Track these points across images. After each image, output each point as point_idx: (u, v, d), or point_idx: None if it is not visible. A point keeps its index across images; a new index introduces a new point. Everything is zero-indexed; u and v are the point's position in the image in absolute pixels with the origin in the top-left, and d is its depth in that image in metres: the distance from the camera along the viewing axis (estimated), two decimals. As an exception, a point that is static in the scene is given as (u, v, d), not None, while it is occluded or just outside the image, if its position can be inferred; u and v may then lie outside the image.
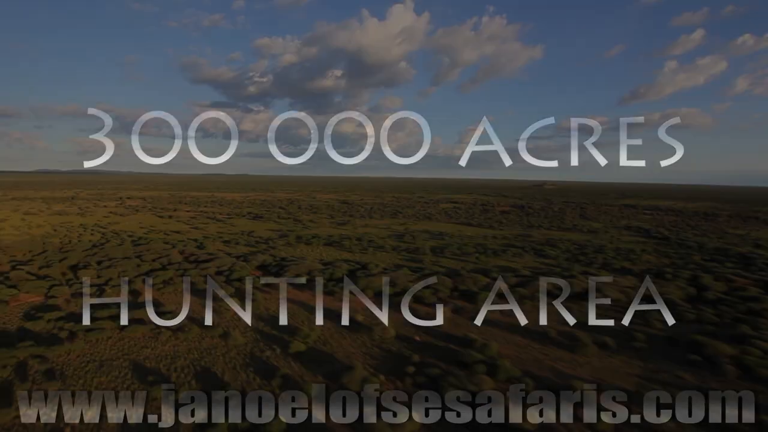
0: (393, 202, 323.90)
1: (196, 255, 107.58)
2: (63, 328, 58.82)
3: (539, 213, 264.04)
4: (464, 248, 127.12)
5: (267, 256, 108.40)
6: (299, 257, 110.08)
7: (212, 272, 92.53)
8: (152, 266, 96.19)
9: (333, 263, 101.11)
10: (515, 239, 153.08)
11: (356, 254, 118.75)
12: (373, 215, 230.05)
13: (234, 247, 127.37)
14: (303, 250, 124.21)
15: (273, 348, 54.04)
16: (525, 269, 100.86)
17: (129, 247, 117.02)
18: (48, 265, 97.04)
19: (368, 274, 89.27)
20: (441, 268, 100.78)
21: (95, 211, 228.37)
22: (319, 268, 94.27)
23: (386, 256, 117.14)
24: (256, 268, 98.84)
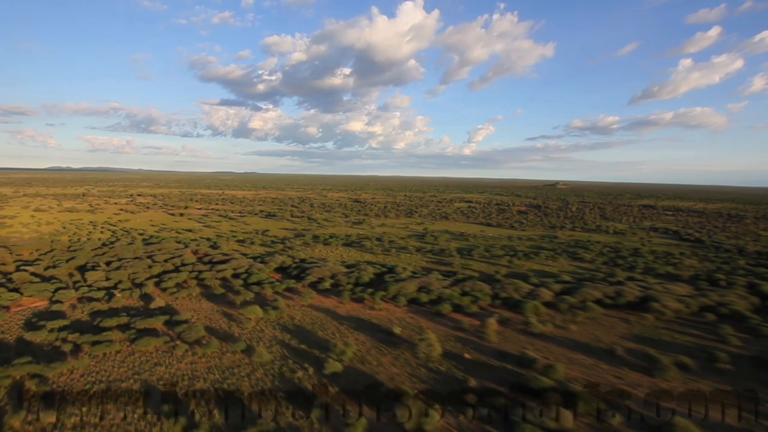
0: (406, 201, 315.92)
1: (211, 255, 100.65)
2: (66, 339, 51.86)
3: (558, 213, 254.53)
4: (492, 250, 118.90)
5: (285, 257, 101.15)
6: (319, 259, 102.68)
7: (228, 275, 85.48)
8: (164, 267, 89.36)
9: (357, 266, 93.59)
10: (541, 240, 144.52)
11: (379, 255, 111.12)
12: (388, 214, 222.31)
13: (249, 246, 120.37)
14: (322, 250, 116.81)
15: (305, 367, 46.53)
16: (564, 274, 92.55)
17: (140, 247, 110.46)
18: (55, 266, 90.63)
19: (397, 279, 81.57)
20: (473, 272, 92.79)
21: (105, 209, 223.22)
22: (343, 271, 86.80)
23: (411, 258, 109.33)
24: (275, 271, 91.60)
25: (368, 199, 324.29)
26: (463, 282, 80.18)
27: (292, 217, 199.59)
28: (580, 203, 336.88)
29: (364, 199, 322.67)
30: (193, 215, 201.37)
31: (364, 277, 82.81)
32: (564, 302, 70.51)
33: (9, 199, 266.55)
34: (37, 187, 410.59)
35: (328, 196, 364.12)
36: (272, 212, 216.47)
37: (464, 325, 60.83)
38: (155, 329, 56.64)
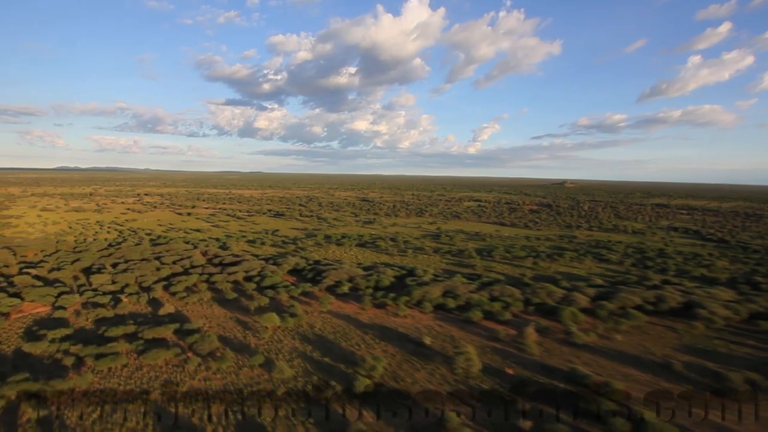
0: (414, 200, 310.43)
1: (221, 257, 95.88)
2: (69, 351, 47.07)
3: (570, 212, 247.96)
4: (512, 251, 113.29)
5: (298, 258, 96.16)
6: (334, 260, 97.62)
7: (240, 278, 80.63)
8: (173, 270, 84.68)
9: (374, 268, 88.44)
10: (560, 240, 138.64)
11: (395, 257, 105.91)
12: (398, 213, 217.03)
13: (260, 247, 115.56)
14: (335, 251, 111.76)
15: (332, 385, 41.39)
16: (594, 277, 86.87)
17: (147, 247, 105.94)
18: (59, 268, 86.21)
19: (420, 282, 76.26)
20: (498, 275, 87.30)
21: (112, 208, 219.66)
22: (361, 274, 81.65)
23: (429, 259, 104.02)
24: (289, 273, 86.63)
25: (376, 198, 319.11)
26: (491, 286, 74.77)
27: (301, 216, 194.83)
28: (592, 202, 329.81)
29: (372, 198, 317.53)
30: (201, 215, 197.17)
31: (384, 281, 77.62)
32: (602, 308, 64.96)
33: (17, 199, 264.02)
34: (45, 186, 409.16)
35: (335, 195, 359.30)
36: (280, 211, 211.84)
37: (499, 335, 55.46)
38: (165, 339, 51.78)
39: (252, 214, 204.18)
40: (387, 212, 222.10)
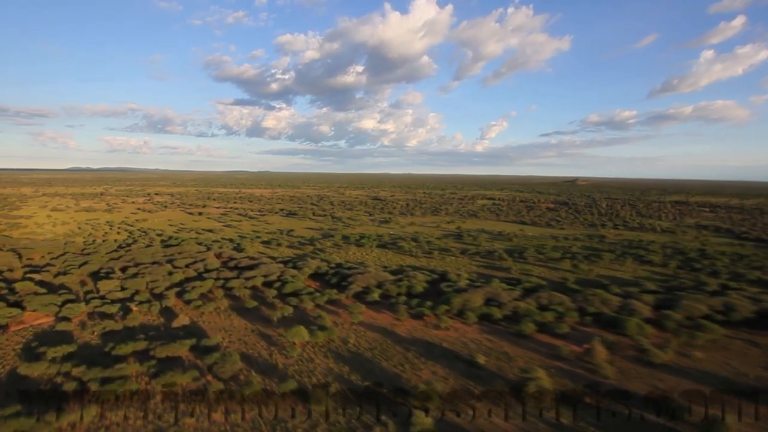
0: (426, 199, 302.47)
1: (236, 260, 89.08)
2: (70, 374, 40.27)
3: (590, 210, 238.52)
4: (544, 251, 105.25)
5: (318, 261, 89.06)
6: (357, 263, 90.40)
7: (259, 283, 73.64)
8: (186, 274, 77.96)
9: (403, 272, 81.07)
10: (590, 240, 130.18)
11: (421, 259, 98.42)
12: (414, 212, 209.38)
13: (276, 249, 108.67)
14: (356, 253, 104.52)
15: (383, 422, 34.03)
16: (645, 282, 78.56)
17: (158, 249, 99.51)
18: (66, 272, 79.95)
19: (456, 289, 68.67)
20: (538, 279, 79.35)
21: (123, 208, 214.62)
22: (390, 279, 74.29)
23: (458, 261, 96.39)
24: (310, 278, 79.54)
25: (388, 197, 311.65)
26: (536, 292, 66.97)
27: (315, 215, 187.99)
28: (608, 200, 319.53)
29: (383, 197, 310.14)
30: (212, 214, 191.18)
31: (416, 287, 70.15)
32: (669, 319, 57.00)
33: (28, 199, 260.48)
34: (56, 186, 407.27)
35: (345, 194, 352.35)
36: (293, 211, 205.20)
37: (561, 352, 47.75)
38: (180, 358, 44.82)
39: (264, 213, 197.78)
40: (402, 211, 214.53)
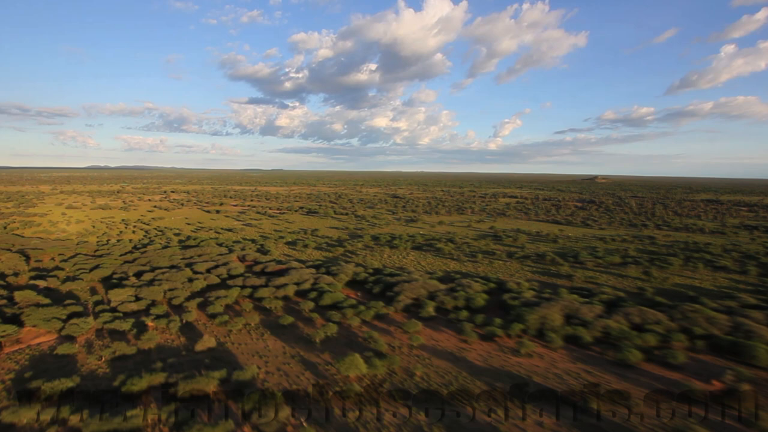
0: (446, 197, 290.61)
1: (262, 263, 79.33)
2: (67, 423, 30.49)
3: (622, 209, 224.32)
4: (598, 254, 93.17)
5: (353, 266, 78.78)
6: (397, 268, 79.94)
7: (291, 292, 63.50)
8: (208, 280, 68.33)
9: (452, 279, 70.37)
10: (640, 242, 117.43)
11: (466, 263, 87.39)
12: (438, 211, 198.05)
13: (303, 250, 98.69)
14: (391, 256, 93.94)
15: None
16: (738, 293, 66.40)
17: (176, 251, 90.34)
18: (75, 277, 71.05)
19: (524, 302, 57.60)
20: (610, 289, 67.69)
21: (139, 206, 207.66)
22: (441, 289, 63.56)
23: (508, 266, 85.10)
24: (348, 286, 69.22)
25: (407, 195, 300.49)
26: (620, 308, 55.52)
27: (336, 214, 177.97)
28: (635, 198, 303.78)
29: (402, 195, 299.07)
30: (230, 212, 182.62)
31: (476, 299, 59.23)
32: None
33: (45, 196, 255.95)
34: (74, 184, 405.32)
35: (363, 191, 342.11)
36: (313, 209, 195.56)
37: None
38: (208, 397, 34.78)
39: (283, 211, 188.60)
40: (425, 209, 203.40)
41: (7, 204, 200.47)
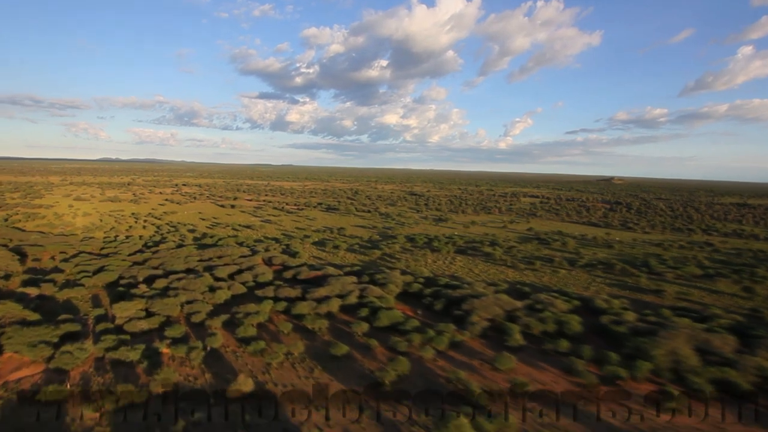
0: (465, 195, 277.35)
1: (293, 269, 67.47)
2: None
3: (653, 212, 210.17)
4: (666, 263, 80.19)
5: (398, 273, 66.60)
6: (450, 276, 67.69)
7: (335, 308, 51.48)
8: (233, 289, 56.55)
9: (525, 294, 58.04)
10: (699, 249, 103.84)
11: (525, 272, 74.87)
12: (465, 210, 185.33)
13: (334, 252, 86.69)
14: (436, 261, 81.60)
15: None
16: None
17: (192, 252, 78.78)
18: (75, 282, 59.56)
19: (633, 329, 45.03)
20: (718, 309, 54.91)
21: (150, 198, 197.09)
22: (518, 307, 51.25)
23: (576, 277, 72.41)
24: (400, 299, 57.02)
25: (425, 192, 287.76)
26: (759, 339, 42.86)
27: (358, 211, 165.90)
28: (660, 200, 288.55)
29: (420, 192, 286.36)
30: (246, 207, 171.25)
31: (570, 323, 46.71)
32: None
33: (54, 188, 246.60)
34: (84, 176, 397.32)
35: (379, 188, 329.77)
36: (332, 205, 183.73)
37: None
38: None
39: (301, 207, 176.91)
40: (450, 208, 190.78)
41: (14, 194, 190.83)
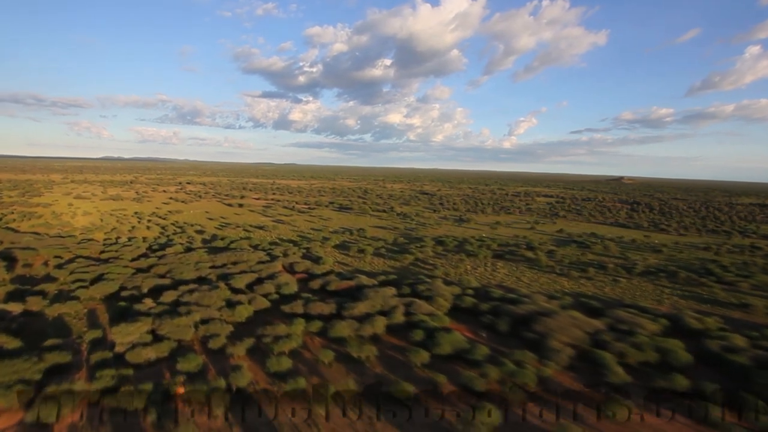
0: (478, 195, 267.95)
1: (321, 277, 58.62)
2: None
3: (678, 212, 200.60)
4: (731, 270, 71.10)
5: (440, 283, 57.71)
6: (503, 288, 58.74)
7: (380, 328, 42.54)
8: (255, 304, 47.64)
9: (599, 311, 49.04)
10: (750, 253, 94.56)
11: (581, 281, 65.73)
12: (484, 210, 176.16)
13: (360, 257, 77.67)
14: (477, 268, 72.48)
15: None
16: None
17: (203, 256, 69.96)
18: (69, 294, 50.82)
19: (754, 358, 36.15)
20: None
21: (153, 197, 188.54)
22: (597, 328, 42.28)
23: (642, 287, 63.19)
24: (451, 316, 47.95)
25: (436, 192, 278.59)
26: None
27: (374, 211, 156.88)
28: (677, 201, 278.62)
29: (432, 192, 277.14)
30: (254, 206, 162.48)
31: (675, 351, 37.65)
32: None
33: (54, 185, 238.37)
34: (87, 174, 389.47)
35: (388, 187, 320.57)
36: (345, 204, 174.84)
37: None
38: None
39: (312, 206, 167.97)
40: (468, 208, 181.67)
41: (11, 193, 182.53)
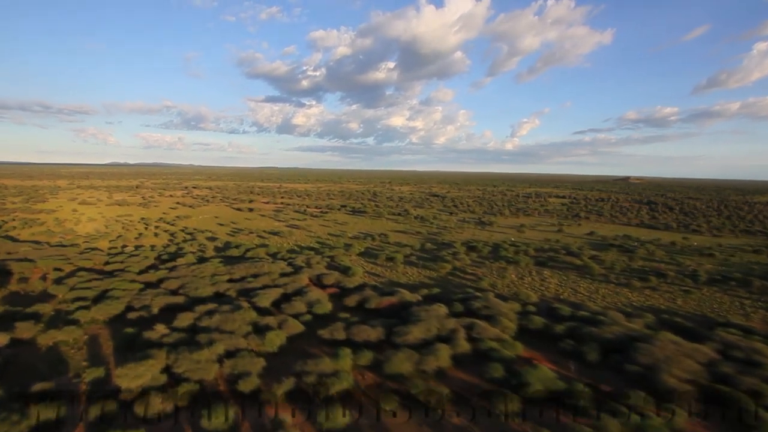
0: (488, 196, 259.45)
1: (355, 292, 50.55)
2: None
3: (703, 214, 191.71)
4: None
5: (494, 298, 49.57)
6: (557, 299, 50.58)
7: (445, 362, 34.41)
8: (287, 328, 39.59)
9: (694, 332, 40.77)
10: None
11: (646, 293, 57.33)
12: (502, 212, 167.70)
13: (390, 266, 69.48)
14: (523, 277, 64.21)
15: None
16: None
17: (218, 268, 61.92)
18: (68, 316, 42.88)
19: None
20: None
21: (160, 202, 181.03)
22: (711, 357, 34.08)
23: (717, 299, 54.80)
24: (523, 342, 39.69)
25: (446, 194, 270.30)
26: None
27: (390, 215, 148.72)
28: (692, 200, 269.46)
29: (442, 194, 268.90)
30: (265, 211, 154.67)
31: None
32: None
33: (60, 191, 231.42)
34: (93, 179, 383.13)
35: (396, 190, 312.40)
36: (357, 208, 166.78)
37: None
38: None
39: (325, 210, 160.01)
40: (484, 210, 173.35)
41: (15, 199, 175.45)
